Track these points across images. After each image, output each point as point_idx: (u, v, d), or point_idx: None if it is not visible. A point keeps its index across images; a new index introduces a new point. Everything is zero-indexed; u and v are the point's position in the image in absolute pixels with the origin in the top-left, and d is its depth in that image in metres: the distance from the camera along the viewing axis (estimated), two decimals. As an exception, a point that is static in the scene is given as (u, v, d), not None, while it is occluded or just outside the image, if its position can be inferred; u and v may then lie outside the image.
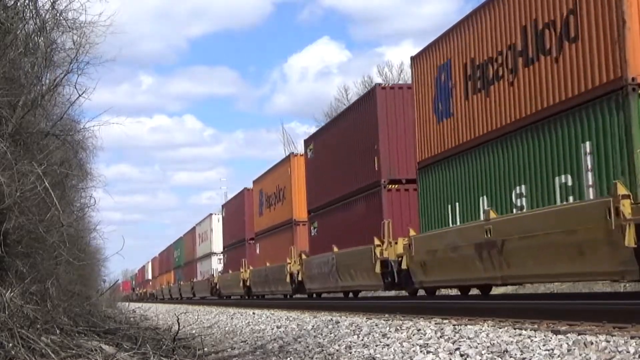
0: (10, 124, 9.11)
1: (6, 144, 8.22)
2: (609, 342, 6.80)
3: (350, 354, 8.56)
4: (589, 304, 11.57)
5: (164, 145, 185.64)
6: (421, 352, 7.78)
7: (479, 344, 7.72)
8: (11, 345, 6.35)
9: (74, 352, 6.82)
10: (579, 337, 7.24)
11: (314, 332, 11.44)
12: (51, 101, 12.63)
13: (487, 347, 7.46)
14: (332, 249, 24.22)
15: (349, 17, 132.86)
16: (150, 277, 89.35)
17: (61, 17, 11.04)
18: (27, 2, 10.35)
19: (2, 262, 8.61)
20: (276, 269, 31.44)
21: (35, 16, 10.59)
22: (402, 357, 7.78)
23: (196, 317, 21.89)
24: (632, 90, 11.21)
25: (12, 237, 9.00)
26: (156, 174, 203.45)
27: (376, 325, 10.93)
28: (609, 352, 6.43)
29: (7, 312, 6.84)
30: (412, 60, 18.81)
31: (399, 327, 10.05)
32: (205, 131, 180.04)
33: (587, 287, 22.02)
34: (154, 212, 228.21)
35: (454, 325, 9.88)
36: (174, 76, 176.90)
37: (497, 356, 7.03)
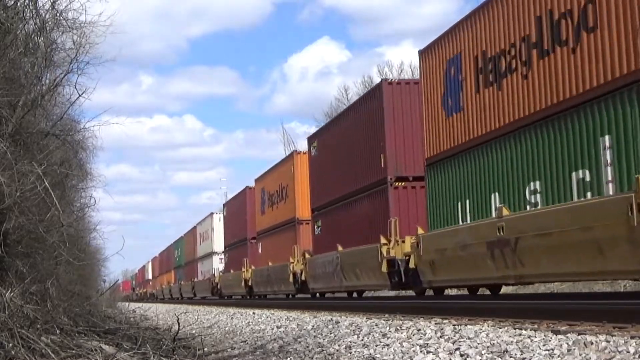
0: (10, 124, 9.11)
1: (6, 144, 8.23)
2: (609, 342, 6.80)
3: (350, 354, 8.56)
4: (589, 304, 11.55)
5: (164, 145, 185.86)
6: (421, 352, 7.78)
7: (479, 344, 7.72)
8: (11, 345, 6.35)
9: (74, 352, 6.83)
10: (579, 337, 7.24)
11: (314, 332, 11.44)
12: (51, 101, 12.64)
13: (487, 347, 7.46)
14: (337, 248, 23.77)
15: (349, 17, 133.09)
16: (150, 277, 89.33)
17: (61, 17, 11.06)
18: (27, 2, 10.36)
19: (2, 262, 8.62)
20: (279, 269, 31.09)
21: (35, 16, 10.61)
22: (402, 357, 7.78)
23: (196, 317, 21.90)
24: (654, 80, 10.77)
25: (12, 237, 9.00)
26: (156, 174, 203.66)
27: (376, 325, 10.92)
28: (609, 352, 6.43)
29: (7, 312, 6.85)
30: (420, 54, 18.33)
31: (399, 327, 10.05)
32: (205, 131, 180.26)
33: (587, 287, 22.01)
34: (154, 212, 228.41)
35: (454, 325, 9.88)
36: (174, 76, 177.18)
37: (497, 356, 7.02)
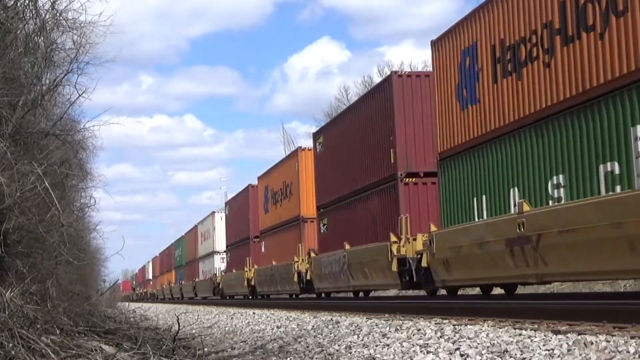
0: (10, 124, 9.11)
1: (6, 144, 8.23)
2: (609, 342, 6.80)
3: (350, 354, 8.56)
4: (589, 304, 11.55)
5: (164, 145, 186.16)
6: (421, 352, 7.78)
7: (479, 344, 7.72)
8: (11, 345, 6.36)
9: (74, 352, 6.83)
10: (579, 337, 7.23)
11: (314, 332, 11.44)
12: (51, 101, 12.63)
13: (487, 347, 7.45)
14: (344, 247, 23.03)
15: (349, 17, 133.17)
16: (150, 277, 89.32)
17: (61, 17, 11.04)
18: (27, 2, 10.36)
19: (2, 262, 8.62)
20: (283, 268, 30.46)
21: (35, 16, 10.60)
22: (402, 357, 7.78)
23: (196, 317, 21.90)
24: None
25: (12, 237, 9.00)
26: (156, 174, 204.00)
27: (376, 325, 10.92)
28: (609, 352, 6.43)
29: (7, 312, 6.85)
30: (433, 45, 17.52)
31: (399, 327, 10.05)
32: (205, 131, 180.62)
33: (587, 287, 22.00)
34: (154, 212, 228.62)
35: (454, 325, 9.88)
36: (174, 76, 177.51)
37: (497, 356, 7.02)
